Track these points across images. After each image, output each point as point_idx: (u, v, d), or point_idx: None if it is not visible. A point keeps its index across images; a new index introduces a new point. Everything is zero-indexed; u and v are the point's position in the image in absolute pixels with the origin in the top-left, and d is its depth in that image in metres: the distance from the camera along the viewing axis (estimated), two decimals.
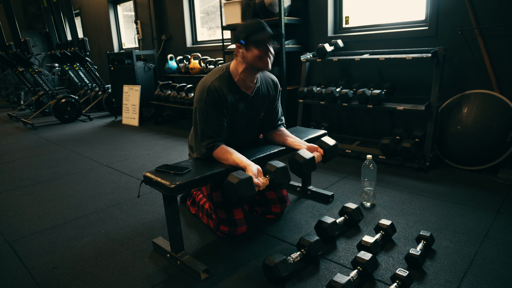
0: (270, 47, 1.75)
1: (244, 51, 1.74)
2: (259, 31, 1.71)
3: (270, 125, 2.10)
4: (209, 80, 1.78)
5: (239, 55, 1.78)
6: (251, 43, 1.71)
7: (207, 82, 1.78)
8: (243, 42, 1.72)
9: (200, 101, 1.77)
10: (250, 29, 1.71)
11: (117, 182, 2.86)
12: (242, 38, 1.72)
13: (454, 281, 1.48)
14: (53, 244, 1.95)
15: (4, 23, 5.95)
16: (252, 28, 1.71)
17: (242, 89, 1.85)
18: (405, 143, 2.78)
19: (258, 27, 1.71)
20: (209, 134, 1.76)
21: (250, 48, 1.72)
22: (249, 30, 1.71)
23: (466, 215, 2.04)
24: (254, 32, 1.70)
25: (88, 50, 5.81)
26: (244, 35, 1.71)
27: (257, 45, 1.71)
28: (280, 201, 2.09)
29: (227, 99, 1.78)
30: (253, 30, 1.70)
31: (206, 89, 1.75)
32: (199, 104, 1.78)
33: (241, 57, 1.77)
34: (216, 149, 1.76)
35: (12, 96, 7.77)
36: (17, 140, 4.60)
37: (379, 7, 3.42)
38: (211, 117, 1.75)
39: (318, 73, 3.75)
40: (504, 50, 2.61)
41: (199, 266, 1.61)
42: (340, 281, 1.36)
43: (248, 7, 3.74)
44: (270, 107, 2.03)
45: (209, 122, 1.76)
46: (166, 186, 1.54)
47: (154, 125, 5.16)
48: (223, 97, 1.76)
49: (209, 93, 1.74)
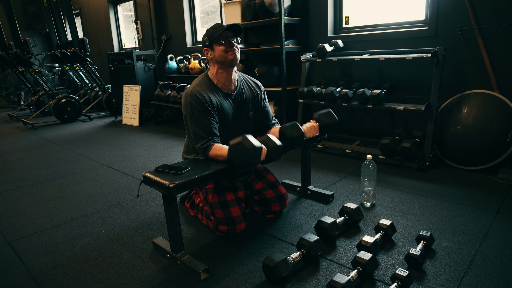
0: (232, 40, 1.85)
1: (212, 52, 1.87)
2: (216, 29, 1.84)
3: (264, 125, 2.15)
4: (190, 87, 1.89)
5: (209, 59, 1.91)
6: (213, 42, 1.84)
7: (189, 90, 1.87)
8: (207, 43, 1.86)
9: (186, 107, 1.85)
10: (210, 31, 1.85)
11: (117, 182, 2.86)
12: (206, 41, 1.87)
13: (454, 281, 1.48)
14: (53, 244, 1.95)
15: (4, 23, 5.95)
16: (211, 30, 1.85)
17: (224, 90, 1.93)
18: (405, 143, 2.78)
19: (216, 27, 1.85)
20: (201, 135, 1.80)
21: (214, 48, 1.85)
22: (209, 32, 1.86)
23: (466, 215, 2.04)
24: (213, 32, 1.84)
25: (88, 50, 5.81)
26: (206, 37, 1.86)
27: (218, 42, 1.83)
28: (279, 199, 2.09)
29: (212, 100, 1.85)
30: (212, 31, 1.84)
31: (189, 94, 1.84)
32: (186, 110, 1.85)
33: (212, 60, 1.90)
34: (211, 149, 1.79)
35: (12, 96, 7.78)
36: (17, 140, 4.60)
37: (379, 7, 3.42)
38: (200, 118, 1.81)
39: (318, 73, 3.75)
40: (504, 50, 2.61)
41: (199, 266, 1.61)
42: (340, 281, 1.37)
43: (248, 7, 3.74)
44: (259, 108, 2.09)
45: (199, 123, 1.81)
46: (166, 185, 1.54)
47: (154, 125, 5.16)
48: (207, 98, 1.83)
49: (193, 97, 1.82)
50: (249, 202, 2.17)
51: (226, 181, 1.97)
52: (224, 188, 1.92)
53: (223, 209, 1.86)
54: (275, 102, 3.89)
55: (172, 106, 4.81)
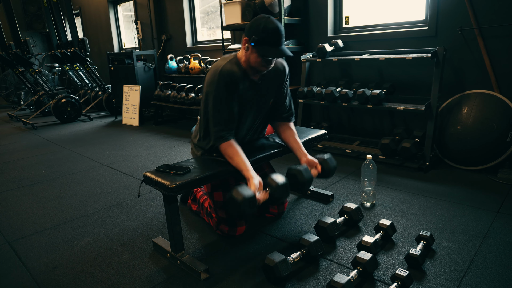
0: (273, 61, 1.74)
1: (250, 49, 1.70)
2: (271, 46, 1.65)
3: (278, 112, 2.01)
4: (220, 64, 1.74)
5: (244, 48, 1.73)
6: (258, 49, 1.67)
7: (219, 66, 1.73)
8: (252, 43, 1.67)
9: (211, 84, 1.71)
10: (265, 38, 1.64)
11: (117, 182, 2.86)
12: (253, 40, 1.66)
13: (454, 281, 1.48)
14: (53, 244, 1.95)
15: (4, 23, 5.95)
16: (267, 39, 1.64)
17: (250, 75, 1.79)
18: (405, 143, 2.78)
19: (272, 41, 1.65)
20: (220, 122, 1.70)
21: (255, 53, 1.68)
22: (263, 37, 1.64)
23: (466, 215, 2.04)
24: (267, 43, 1.65)
25: (88, 50, 5.81)
26: (256, 38, 1.65)
27: (262, 56, 1.68)
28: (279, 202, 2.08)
29: (238, 85, 1.73)
30: (267, 41, 1.65)
31: (218, 71, 1.70)
32: (210, 87, 1.71)
33: (245, 50, 1.73)
34: (225, 142, 1.70)
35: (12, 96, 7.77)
36: (17, 140, 4.60)
37: (379, 7, 3.42)
38: (224, 103, 1.70)
39: (318, 73, 3.75)
40: (504, 50, 2.62)
41: (199, 266, 1.61)
42: (340, 281, 1.37)
43: (248, 7, 3.74)
44: (278, 91, 1.97)
45: (221, 108, 1.70)
46: (166, 186, 1.54)
47: (154, 125, 5.16)
48: (234, 82, 1.72)
49: (222, 76, 1.69)
50: None
51: (233, 179, 1.94)
52: (231, 186, 1.88)
53: (226, 210, 1.86)
54: None
55: (172, 106, 4.81)
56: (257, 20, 1.68)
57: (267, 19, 1.67)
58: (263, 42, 1.65)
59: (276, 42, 1.66)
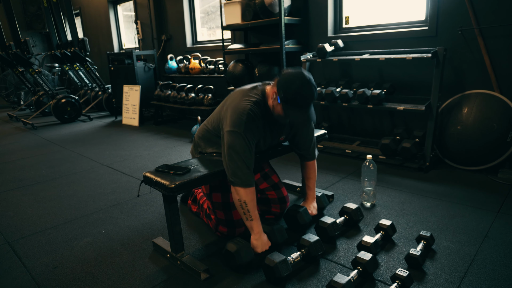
0: None
1: (276, 102, 1.64)
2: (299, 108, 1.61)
3: (300, 150, 2.03)
4: (247, 104, 1.66)
5: (272, 96, 1.67)
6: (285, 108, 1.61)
7: (246, 105, 1.65)
8: (279, 99, 1.61)
9: (238, 125, 1.62)
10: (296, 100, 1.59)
11: (117, 182, 2.86)
12: (281, 97, 1.59)
13: (454, 281, 1.48)
14: (53, 244, 1.95)
15: (4, 23, 5.95)
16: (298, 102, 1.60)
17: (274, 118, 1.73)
18: (405, 143, 2.78)
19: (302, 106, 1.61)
20: (249, 167, 1.65)
21: (280, 107, 1.63)
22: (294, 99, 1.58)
23: (466, 215, 2.04)
24: (296, 106, 1.60)
25: (88, 50, 5.81)
26: (285, 96, 1.58)
27: (290, 114, 1.64)
28: (281, 202, 2.08)
29: (260, 128, 1.70)
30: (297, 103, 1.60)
31: (246, 113, 1.63)
32: (237, 128, 1.62)
33: (271, 98, 1.67)
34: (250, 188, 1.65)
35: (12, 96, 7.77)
36: (17, 140, 4.60)
37: (379, 7, 3.42)
38: (250, 145, 1.65)
39: (318, 73, 3.75)
40: (504, 50, 2.61)
41: (199, 266, 1.61)
42: (340, 281, 1.36)
43: (248, 7, 3.74)
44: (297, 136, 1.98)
45: (249, 151, 1.65)
46: (166, 186, 1.54)
47: (154, 125, 5.16)
48: (259, 126, 1.69)
49: (249, 119, 1.63)
50: None
51: None
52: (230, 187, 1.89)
53: (225, 211, 1.86)
54: None
55: (172, 106, 4.81)
56: (292, 78, 1.60)
57: (302, 80, 1.58)
58: (292, 103, 1.60)
59: (305, 107, 1.62)
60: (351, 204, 1.98)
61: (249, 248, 1.61)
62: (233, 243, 1.61)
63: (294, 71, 1.63)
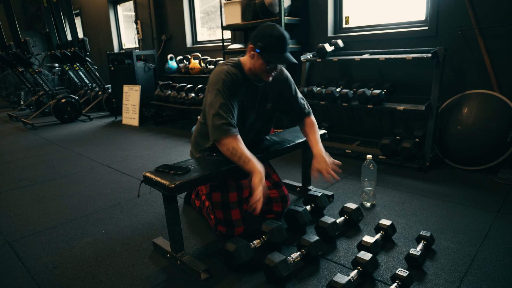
0: (277, 68, 1.80)
1: (255, 56, 1.73)
2: (277, 52, 1.69)
3: (296, 113, 2.06)
4: (224, 66, 1.78)
5: (249, 54, 1.77)
6: (264, 56, 1.70)
7: (223, 67, 1.77)
8: (258, 50, 1.70)
9: (217, 83, 1.72)
10: (271, 45, 1.68)
11: (117, 182, 2.86)
12: (258, 46, 1.70)
13: (454, 281, 1.48)
14: (53, 244, 1.95)
15: (4, 23, 5.95)
16: (273, 45, 1.68)
17: (252, 80, 1.84)
18: (405, 143, 2.78)
19: (278, 48, 1.69)
20: (225, 116, 1.66)
21: (261, 59, 1.72)
22: (269, 44, 1.68)
23: (466, 215, 2.04)
24: (273, 50, 1.69)
25: (88, 50, 5.81)
26: (262, 45, 1.69)
27: (267, 62, 1.71)
28: (282, 200, 2.09)
29: (240, 88, 1.77)
30: (273, 48, 1.68)
31: (224, 72, 1.74)
32: (216, 86, 1.71)
33: (250, 57, 1.77)
34: (230, 136, 1.64)
35: (12, 96, 7.77)
36: (17, 140, 4.60)
37: (379, 7, 3.42)
38: (229, 98, 1.70)
39: (318, 73, 3.75)
40: (504, 50, 2.61)
41: (199, 266, 1.61)
42: (340, 281, 1.36)
43: (248, 7, 3.74)
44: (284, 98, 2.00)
45: (227, 103, 1.69)
46: (166, 186, 1.54)
47: (154, 125, 5.16)
48: (238, 83, 1.75)
49: (227, 75, 1.73)
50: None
51: (232, 179, 1.94)
52: (229, 187, 1.89)
53: (223, 211, 1.86)
54: None
55: (172, 106, 4.81)
56: (263, 28, 1.72)
57: (272, 26, 1.71)
58: (268, 49, 1.68)
59: (281, 49, 1.70)
60: (351, 204, 1.98)
61: (249, 248, 1.61)
62: (232, 242, 1.61)
63: (262, 25, 1.75)
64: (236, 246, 1.58)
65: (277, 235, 1.73)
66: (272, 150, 1.98)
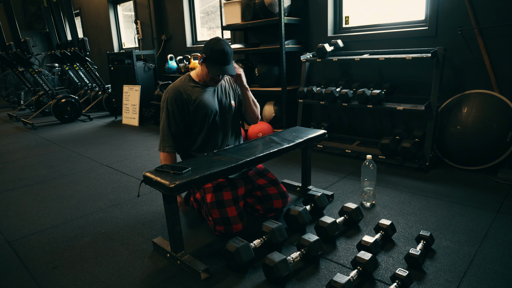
0: (220, 77, 2.01)
1: (203, 65, 1.97)
2: (216, 63, 1.89)
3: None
4: (172, 84, 2.04)
5: (200, 63, 1.99)
6: (207, 66, 1.92)
7: (170, 86, 2.04)
8: (202, 60, 1.94)
9: (163, 101, 2.02)
10: (212, 56, 1.88)
11: (117, 182, 2.86)
12: (203, 57, 1.93)
13: (454, 281, 1.48)
14: (53, 244, 1.95)
15: (4, 23, 5.95)
16: (214, 57, 1.88)
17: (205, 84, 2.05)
18: (405, 143, 2.78)
19: (218, 59, 1.88)
20: (168, 136, 2.01)
21: (205, 68, 1.95)
22: (211, 55, 1.88)
23: (466, 215, 2.04)
24: (213, 61, 1.89)
25: (88, 50, 5.80)
26: (205, 56, 1.91)
27: (210, 71, 1.92)
28: (282, 196, 2.11)
29: (190, 96, 1.99)
30: (213, 59, 1.88)
31: (168, 89, 2.02)
32: (163, 104, 2.01)
33: (200, 65, 2.01)
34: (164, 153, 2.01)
35: (12, 96, 7.78)
36: (17, 140, 4.60)
37: (379, 7, 3.43)
38: (172, 117, 1.98)
39: (318, 73, 3.75)
40: (504, 50, 2.61)
41: (199, 266, 1.61)
42: (340, 281, 1.37)
43: (248, 7, 3.74)
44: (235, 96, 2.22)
45: (169, 121, 1.99)
46: (166, 185, 1.54)
47: (154, 125, 5.16)
48: (184, 94, 1.98)
49: (170, 92, 1.99)
50: (250, 202, 2.17)
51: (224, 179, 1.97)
52: (223, 186, 1.92)
53: (219, 209, 1.87)
54: (275, 102, 3.89)
55: None
56: (209, 41, 1.93)
57: (216, 41, 1.90)
58: (210, 60, 1.90)
59: (221, 62, 1.89)
60: (351, 204, 1.98)
61: (249, 248, 1.61)
62: (232, 242, 1.61)
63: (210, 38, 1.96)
64: (236, 247, 1.58)
65: (277, 235, 1.73)
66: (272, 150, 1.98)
